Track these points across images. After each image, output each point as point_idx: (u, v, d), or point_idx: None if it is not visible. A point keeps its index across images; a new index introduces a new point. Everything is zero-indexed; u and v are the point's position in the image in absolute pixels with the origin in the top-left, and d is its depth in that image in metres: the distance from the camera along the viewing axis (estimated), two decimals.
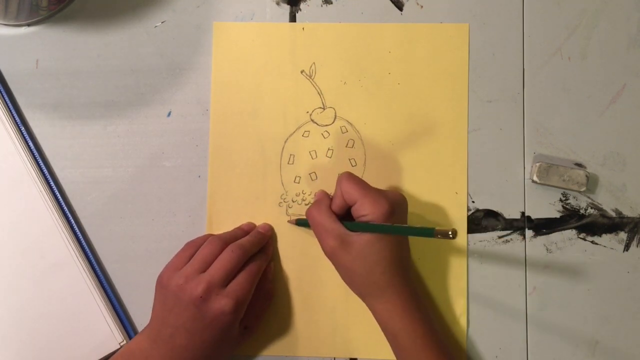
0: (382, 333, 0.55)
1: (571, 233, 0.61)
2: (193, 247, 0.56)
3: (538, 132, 0.61)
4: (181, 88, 0.62)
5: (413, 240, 0.58)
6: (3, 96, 0.60)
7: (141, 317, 0.60)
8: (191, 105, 0.62)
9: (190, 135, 0.61)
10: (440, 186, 0.60)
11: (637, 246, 0.60)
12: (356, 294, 0.56)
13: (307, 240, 0.60)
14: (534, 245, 0.60)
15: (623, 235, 0.61)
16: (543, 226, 0.61)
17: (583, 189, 0.60)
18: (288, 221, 0.60)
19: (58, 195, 0.60)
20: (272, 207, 0.60)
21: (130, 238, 0.60)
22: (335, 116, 0.61)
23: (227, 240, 0.56)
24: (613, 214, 0.61)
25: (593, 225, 0.61)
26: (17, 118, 0.60)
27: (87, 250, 0.60)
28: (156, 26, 0.62)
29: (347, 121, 0.61)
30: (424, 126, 0.61)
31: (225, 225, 0.60)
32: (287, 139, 0.61)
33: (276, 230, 0.60)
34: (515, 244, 0.60)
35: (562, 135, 0.61)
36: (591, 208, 0.61)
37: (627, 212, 0.61)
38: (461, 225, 0.60)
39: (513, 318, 0.60)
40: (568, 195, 0.61)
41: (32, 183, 0.59)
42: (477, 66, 0.62)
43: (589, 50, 0.62)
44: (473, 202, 0.61)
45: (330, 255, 0.54)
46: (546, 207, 0.61)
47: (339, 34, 0.62)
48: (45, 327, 0.58)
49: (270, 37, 0.62)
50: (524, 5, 0.62)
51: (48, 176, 0.60)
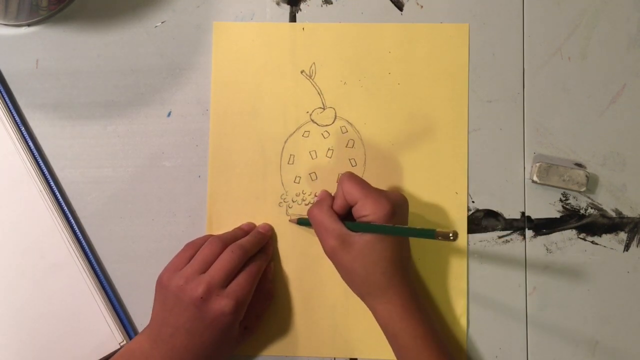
0: (382, 333, 0.55)
1: (571, 233, 0.61)
2: (193, 248, 0.56)
3: (538, 132, 0.61)
4: (181, 88, 0.62)
5: (413, 240, 0.58)
6: (3, 96, 0.60)
7: (141, 317, 0.60)
8: (191, 105, 0.62)
9: (190, 135, 0.61)
10: (440, 186, 0.60)
11: (637, 246, 0.60)
12: (356, 294, 0.56)
13: (308, 240, 0.60)
14: (534, 245, 0.60)
15: (623, 235, 0.61)
16: (543, 226, 0.61)
17: (583, 189, 0.60)
18: (289, 220, 0.60)
19: (58, 195, 0.60)
20: (272, 207, 0.60)
21: (130, 238, 0.60)
22: (335, 116, 0.61)
23: (227, 240, 0.56)
24: (613, 214, 0.61)
25: (593, 225, 0.61)
26: (17, 118, 0.60)
27: (87, 250, 0.60)
28: (156, 26, 0.62)
29: (347, 121, 0.61)
30: (424, 126, 0.61)
31: (225, 225, 0.60)
32: (287, 139, 0.61)
33: (276, 230, 0.60)
34: (515, 244, 0.61)
35: (562, 135, 0.61)
36: (591, 208, 0.61)
37: (627, 212, 0.61)
38: (461, 225, 0.60)
39: (513, 318, 0.60)
40: (568, 195, 0.61)
41: (32, 183, 0.59)
42: (477, 66, 0.61)
43: (589, 50, 0.62)
44: (473, 202, 0.61)
45: (330, 255, 0.54)
46: (546, 207, 0.61)
47: (339, 34, 0.62)
48: (45, 327, 0.58)
49: (270, 37, 0.62)
50: (524, 5, 0.62)
51: (48, 176, 0.60)
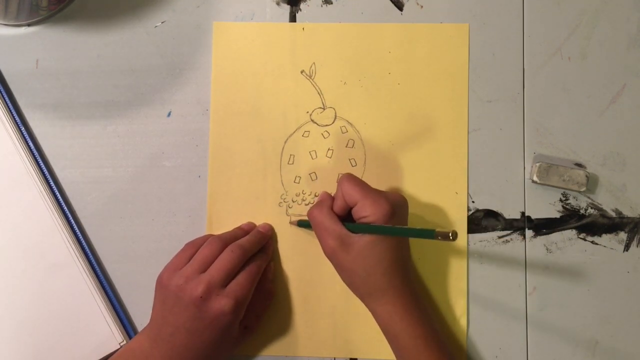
0: (382, 333, 0.55)
1: (571, 233, 0.61)
2: (193, 248, 0.56)
3: (538, 132, 0.61)
4: (181, 88, 0.62)
5: (413, 240, 0.58)
6: (3, 96, 0.60)
7: (141, 317, 0.60)
8: (191, 105, 0.62)
9: (190, 135, 0.61)
10: (440, 186, 0.60)
11: (637, 246, 0.60)
12: (356, 295, 0.56)
13: (308, 240, 0.60)
14: (534, 245, 0.60)
15: (623, 235, 0.61)
16: (543, 226, 0.61)
17: (583, 189, 0.60)
18: (290, 222, 0.60)
19: (58, 195, 0.60)
20: (272, 207, 0.60)
21: (130, 238, 0.60)
22: (335, 116, 0.61)
23: (227, 240, 0.56)
24: (613, 214, 0.61)
25: (593, 225, 0.61)
26: (17, 118, 0.60)
27: (87, 250, 0.60)
28: (156, 26, 0.62)
29: (347, 121, 0.61)
30: (424, 126, 0.61)
31: (225, 225, 0.60)
32: (287, 139, 0.61)
33: (276, 230, 0.60)
34: (515, 244, 0.60)
35: (562, 135, 0.61)
36: (591, 208, 0.61)
37: (627, 212, 0.61)
38: (461, 225, 0.60)
39: (513, 318, 0.60)
40: (568, 195, 0.61)
41: (32, 183, 0.59)
42: (477, 66, 0.61)
43: (589, 50, 0.62)
44: (473, 202, 0.61)
45: (330, 255, 0.54)
46: (546, 207, 0.61)
47: (339, 34, 0.62)
48: (45, 327, 0.58)
49: (270, 37, 0.62)
50: (524, 5, 0.62)
51: (48, 176, 0.60)
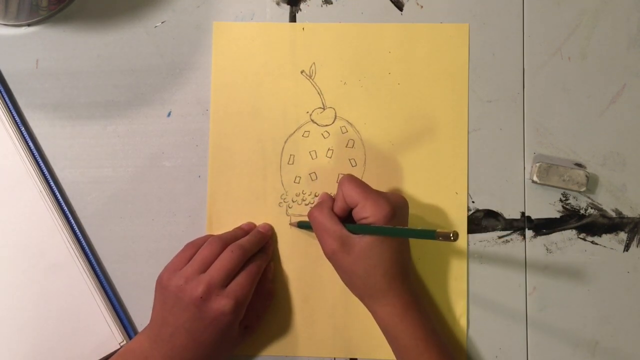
0: (383, 334, 0.55)
1: (571, 233, 0.61)
2: (193, 248, 0.56)
3: (538, 132, 0.61)
4: (181, 88, 0.62)
5: (413, 240, 0.58)
6: (3, 96, 0.60)
7: (141, 317, 0.60)
8: (191, 105, 0.62)
9: (190, 135, 0.61)
10: (440, 186, 0.60)
11: (637, 246, 0.60)
12: (356, 296, 0.55)
13: (308, 240, 0.60)
14: (534, 245, 0.60)
15: (623, 235, 0.61)
16: (543, 226, 0.61)
17: (583, 189, 0.60)
18: (290, 224, 0.60)
19: (58, 195, 0.60)
20: (272, 207, 0.60)
21: (130, 238, 0.60)
22: (335, 116, 0.61)
23: (227, 240, 0.56)
24: (613, 214, 0.61)
25: (593, 225, 0.61)
26: (17, 118, 0.60)
27: (87, 250, 0.60)
28: (156, 26, 0.62)
29: (347, 121, 0.61)
30: (424, 126, 0.61)
31: (225, 225, 0.60)
32: (287, 139, 0.61)
33: (276, 230, 0.60)
34: (515, 244, 0.60)
35: (562, 135, 0.61)
36: (591, 208, 0.61)
37: (627, 212, 0.61)
38: (461, 225, 0.60)
39: (513, 318, 0.60)
40: (568, 195, 0.61)
41: (32, 183, 0.59)
42: (477, 66, 0.61)
43: (589, 50, 0.62)
44: (473, 202, 0.61)
45: (330, 256, 0.54)
46: (546, 207, 0.61)
47: (339, 34, 0.62)
48: (45, 327, 0.58)
49: (270, 37, 0.62)
50: (524, 5, 0.62)
51: (48, 176, 0.60)
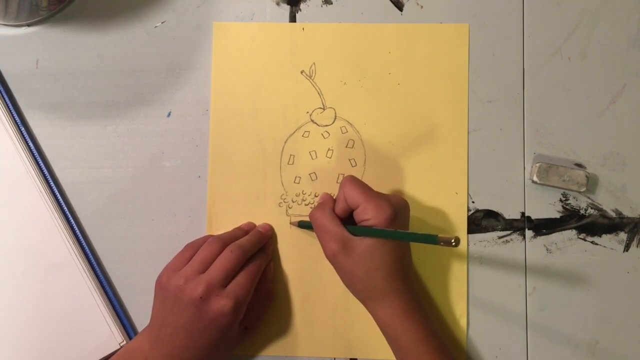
0: (383, 335, 0.55)
1: (571, 233, 0.61)
2: (193, 249, 0.56)
3: (538, 132, 0.61)
4: (181, 88, 0.62)
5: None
6: (3, 96, 0.60)
7: (141, 317, 0.60)
8: (191, 105, 0.62)
9: (190, 135, 0.61)
10: (440, 186, 0.60)
11: (637, 246, 0.60)
12: (357, 298, 0.55)
13: (308, 240, 0.60)
14: (534, 245, 0.60)
15: (623, 235, 0.60)
16: (543, 226, 0.61)
17: (583, 189, 0.60)
18: (290, 223, 0.60)
19: (58, 195, 0.60)
20: (272, 208, 0.60)
21: (130, 238, 0.60)
22: (335, 116, 0.61)
23: (227, 240, 0.56)
24: (613, 214, 0.61)
25: (593, 225, 0.61)
26: (17, 118, 0.60)
27: (87, 250, 0.60)
28: (156, 26, 0.62)
29: (347, 121, 0.61)
30: (424, 126, 0.61)
31: (225, 225, 0.60)
32: (287, 139, 0.61)
33: (276, 230, 0.60)
34: (515, 244, 0.60)
35: (562, 135, 0.61)
36: (591, 208, 0.61)
37: (627, 213, 0.61)
38: (461, 225, 0.60)
39: (513, 318, 0.60)
40: (568, 195, 0.61)
41: (32, 183, 0.59)
42: (477, 66, 0.61)
43: (589, 50, 0.62)
44: (473, 203, 0.61)
45: (331, 258, 0.54)
46: (546, 208, 0.61)
47: (339, 34, 0.62)
48: (45, 328, 0.58)
49: (270, 37, 0.62)
50: (524, 5, 0.62)
51: (48, 176, 0.60)
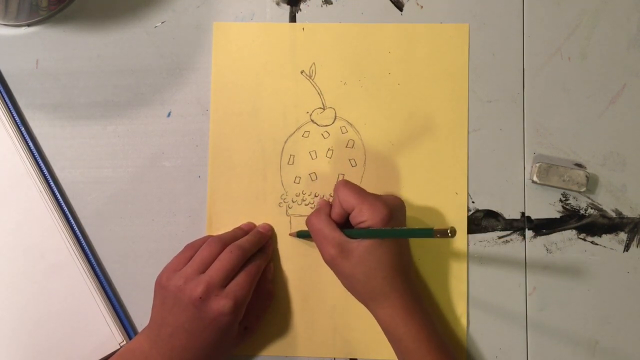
0: (382, 333, 0.55)
1: (571, 233, 0.61)
2: (192, 249, 0.56)
3: (538, 132, 0.61)
4: (181, 88, 0.62)
5: (413, 240, 0.58)
6: (3, 96, 0.60)
7: (141, 317, 0.60)
8: (191, 105, 0.62)
9: (190, 135, 0.61)
10: (440, 186, 0.60)
11: (637, 246, 0.60)
12: (358, 300, 0.55)
13: (307, 241, 0.60)
14: (534, 245, 0.60)
15: (623, 235, 0.60)
16: (543, 226, 0.60)
17: (583, 189, 0.60)
18: (289, 234, 0.60)
19: (58, 195, 0.60)
20: (272, 208, 0.60)
21: (130, 238, 0.60)
22: (335, 116, 0.61)
23: (227, 240, 0.56)
24: (613, 215, 0.61)
25: (593, 225, 0.61)
26: (17, 118, 0.60)
27: (87, 250, 0.60)
28: (156, 26, 0.62)
29: (347, 121, 0.61)
30: (424, 126, 0.61)
31: (225, 225, 0.60)
32: (287, 139, 0.61)
33: (276, 230, 0.60)
34: (515, 244, 0.60)
35: (562, 135, 0.61)
36: (591, 208, 0.61)
37: (627, 213, 0.61)
38: (461, 225, 0.60)
39: (513, 318, 0.60)
40: (568, 195, 0.61)
41: (32, 183, 0.59)
42: (477, 66, 0.61)
43: (589, 50, 0.62)
44: (473, 203, 0.61)
45: (330, 263, 0.54)
46: (546, 208, 0.61)
47: (339, 34, 0.62)
48: (45, 328, 0.58)
49: (270, 37, 0.62)
50: (524, 5, 0.62)
51: (48, 176, 0.60)
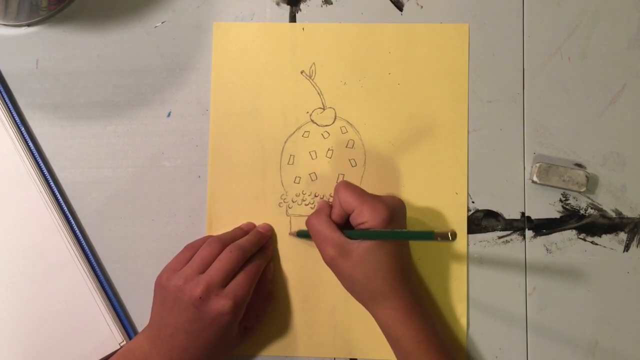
0: (382, 333, 0.55)
1: (571, 233, 0.61)
2: (192, 249, 0.56)
3: (538, 132, 0.61)
4: (181, 88, 0.62)
5: (413, 241, 0.58)
6: (3, 96, 0.60)
7: (141, 317, 0.60)
8: (191, 105, 0.62)
9: (190, 135, 0.61)
10: (440, 186, 0.60)
11: (637, 246, 0.60)
12: (358, 301, 0.55)
13: (307, 240, 0.60)
14: (534, 245, 0.60)
15: (623, 235, 0.60)
16: (543, 226, 0.60)
17: (583, 189, 0.60)
18: (289, 234, 0.60)
19: (58, 195, 0.60)
20: (272, 208, 0.60)
21: (130, 238, 0.60)
22: (335, 116, 0.61)
23: (226, 240, 0.56)
24: (613, 215, 0.61)
25: (593, 225, 0.61)
26: (17, 118, 0.60)
27: (87, 250, 0.60)
28: (156, 26, 0.62)
29: (347, 121, 0.61)
30: (424, 126, 0.61)
31: (225, 225, 0.60)
32: (287, 139, 0.61)
33: (276, 230, 0.60)
34: (515, 245, 0.60)
35: (562, 135, 0.61)
36: (591, 208, 0.61)
37: (627, 213, 0.61)
38: (461, 225, 0.60)
39: (513, 318, 0.60)
40: (568, 195, 0.61)
41: (32, 183, 0.59)
42: (477, 66, 0.61)
43: (589, 50, 0.62)
44: (473, 203, 0.61)
45: (330, 264, 0.54)
46: (546, 208, 0.61)
47: (339, 34, 0.62)
48: (45, 327, 0.58)
49: (270, 37, 0.62)
50: (524, 5, 0.62)
51: (48, 176, 0.60)
